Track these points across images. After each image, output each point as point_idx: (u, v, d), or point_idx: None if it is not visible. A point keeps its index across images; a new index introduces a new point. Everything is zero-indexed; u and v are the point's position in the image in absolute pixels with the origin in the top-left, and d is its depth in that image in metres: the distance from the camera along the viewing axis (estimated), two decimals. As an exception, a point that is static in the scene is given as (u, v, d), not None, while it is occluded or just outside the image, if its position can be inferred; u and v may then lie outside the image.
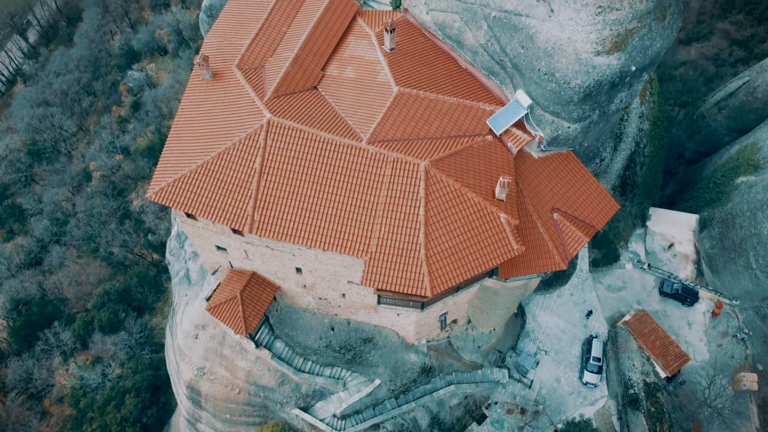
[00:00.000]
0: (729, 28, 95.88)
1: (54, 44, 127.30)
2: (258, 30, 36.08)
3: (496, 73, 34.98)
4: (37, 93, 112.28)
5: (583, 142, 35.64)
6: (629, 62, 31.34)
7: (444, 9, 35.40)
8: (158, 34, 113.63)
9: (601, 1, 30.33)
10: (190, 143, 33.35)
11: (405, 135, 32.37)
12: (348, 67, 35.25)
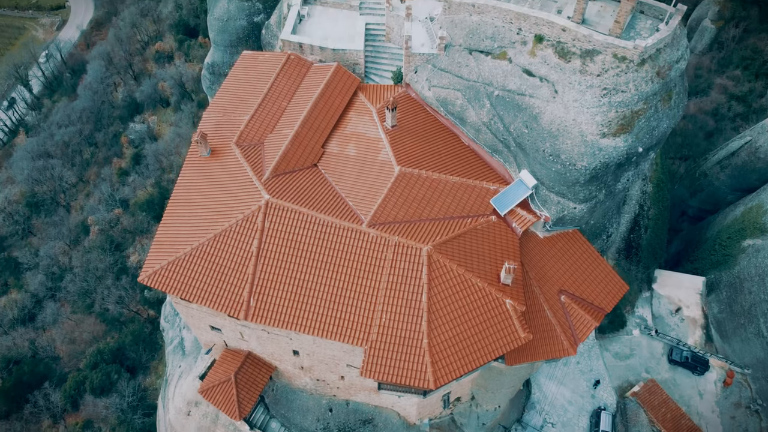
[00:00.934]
0: (727, 84, 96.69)
1: (58, 95, 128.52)
2: (258, 106, 35.69)
3: (499, 152, 34.41)
4: (39, 144, 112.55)
5: (590, 221, 34.80)
6: (636, 144, 30.76)
7: (446, 86, 35.09)
8: (161, 86, 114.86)
9: (605, 83, 29.93)
10: (186, 223, 32.46)
11: (407, 216, 31.51)
12: (349, 144, 34.69)
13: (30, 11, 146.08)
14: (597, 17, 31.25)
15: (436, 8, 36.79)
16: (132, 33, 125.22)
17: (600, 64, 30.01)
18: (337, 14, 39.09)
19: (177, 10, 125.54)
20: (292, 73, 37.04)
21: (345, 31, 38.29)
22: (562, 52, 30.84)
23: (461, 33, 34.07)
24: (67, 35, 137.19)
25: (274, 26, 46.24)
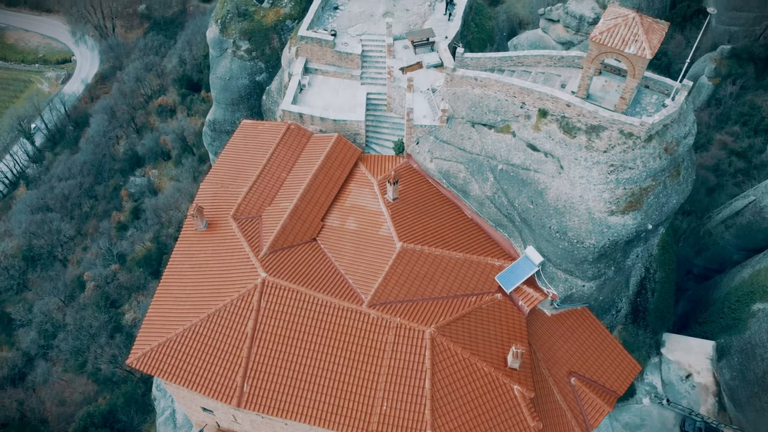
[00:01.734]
0: (726, 139, 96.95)
1: (60, 148, 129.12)
2: (256, 177, 34.98)
3: (503, 226, 33.47)
4: (38, 197, 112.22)
5: (598, 297, 33.55)
6: (645, 221, 29.82)
7: (448, 158, 34.46)
8: (163, 140, 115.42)
9: (612, 159, 29.24)
10: (179, 301, 31.20)
11: (409, 295, 30.27)
12: (349, 217, 33.79)
13: (36, 65, 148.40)
14: (602, 92, 30.83)
15: (438, 80, 36.58)
16: (136, 87, 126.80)
17: (606, 140, 29.39)
18: (338, 84, 38.91)
19: (180, 65, 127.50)
20: (292, 143, 36.52)
21: (346, 101, 37.99)
22: (567, 127, 30.29)
23: (464, 106, 33.65)
24: (72, 88, 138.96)
25: (274, 92, 46.14)
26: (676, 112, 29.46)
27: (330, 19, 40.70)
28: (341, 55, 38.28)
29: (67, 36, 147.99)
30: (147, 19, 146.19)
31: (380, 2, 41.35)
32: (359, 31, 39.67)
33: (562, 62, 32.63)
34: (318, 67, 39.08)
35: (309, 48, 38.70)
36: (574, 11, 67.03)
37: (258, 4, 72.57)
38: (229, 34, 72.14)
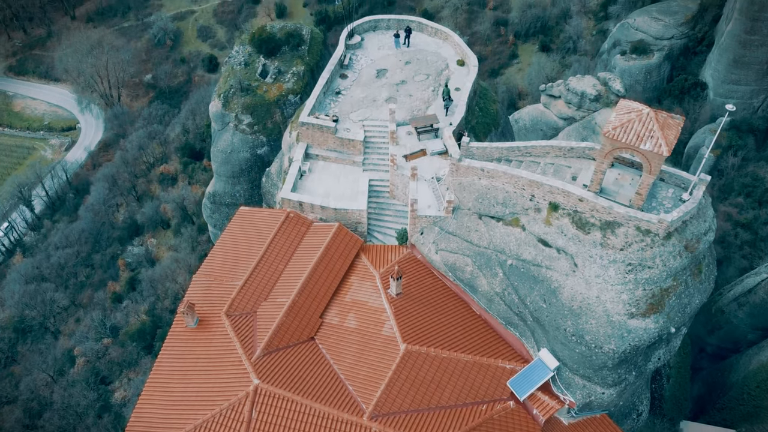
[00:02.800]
0: (731, 211, 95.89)
1: (59, 215, 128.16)
2: (252, 269, 33.18)
3: (514, 324, 31.37)
4: (33, 266, 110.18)
5: (618, 403, 31.02)
6: (667, 324, 27.77)
7: (454, 250, 32.77)
8: (163, 208, 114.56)
9: (630, 257, 27.50)
10: (164, 409, 28.71)
11: (414, 404, 27.82)
12: (350, 314, 31.75)
13: (41, 132, 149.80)
14: (615, 186, 29.49)
15: (442, 168, 35.43)
16: (138, 155, 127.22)
17: (623, 237, 27.76)
18: (339, 170, 37.79)
19: (184, 133, 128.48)
20: (291, 232, 34.96)
21: (347, 188, 36.74)
22: (580, 222, 28.74)
23: (470, 197, 32.28)
24: (75, 156, 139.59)
25: (274, 175, 45.08)
26: (695, 207, 27.98)
27: (332, 104, 40.10)
28: (343, 141, 37.36)
29: (73, 104, 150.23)
30: (152, 88, 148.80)
31: (383, 87, 40.85)
32: (361, 117, 38.93)
33: (572, 153, 31.50)
34: (319, 152, 38.10)
35: (310, 133, 37.85)
36: (575, 88, 67.18)
37: (261, 79, 73.14)
38: (231, 108, 72.34)
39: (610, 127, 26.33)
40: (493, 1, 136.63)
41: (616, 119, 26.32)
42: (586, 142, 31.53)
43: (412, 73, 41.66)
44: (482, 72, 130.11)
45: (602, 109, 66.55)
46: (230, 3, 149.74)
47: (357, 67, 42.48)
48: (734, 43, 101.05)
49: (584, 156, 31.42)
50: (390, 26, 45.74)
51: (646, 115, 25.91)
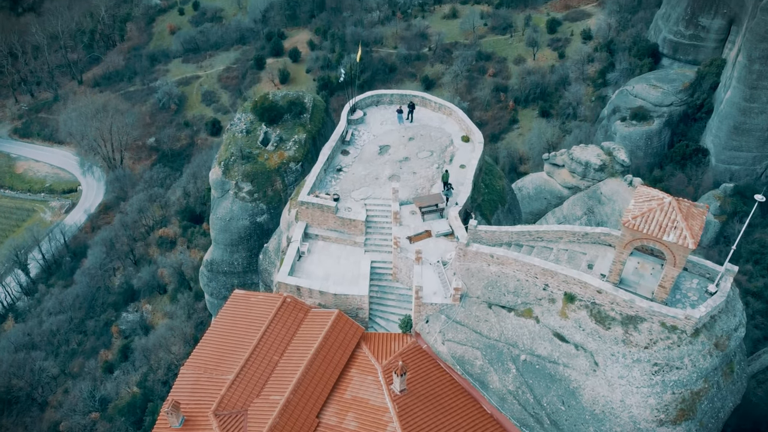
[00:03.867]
0: (740, 279, 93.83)
1: (54, 279, 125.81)
2: (245, 361, 30.78)
3: (530, 427, 28.68)
4: (24, 333, 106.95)
5: None
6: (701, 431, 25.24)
7: (462, 342, 30.48)
8: (160, 273, 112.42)
9: (656, 357, 25.21)
10: None
11: None
12: (349, 413, 29.12)
13: (42, 194, 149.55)
14: (635, 276, 27.55)
15: (448, 250, 33.60)
16: (138, 218, 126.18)
17: (646, 333, 25.59)
18: (340, 251, 35.99)
19: (184, 197, 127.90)
20: (288, 319, 32.77)
21: (348, 270, 34.79)
22: (599, 316, 26.64)
23: (479, 284, 30.31)
24: (75, 218, 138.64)
25: (272, 252, 43.27)
26: (723, 301, 25.94)
27: (333, 182, 38.76)
28: (344, 221, 35.73)
29: (75, 166, 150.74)
30: (155, 151, 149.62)
31: (386, 165, 39.62)
32: (363, 195, 37.46)
33: (587, 239, 29.73)
34: (319, 232, 36.42)
35: (310, 213, 36.30)
36: (580, 157, 66.42)
37: (262, 146, 72.65)
38: (231, 175, 71.55)
39: (630, 216, 24.67)
40: (493, 68, 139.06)
41: (636, 208, 24.69)
42: (602, 228, 29.80)
43: (416, 150, 40.53)
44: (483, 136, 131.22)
45: (607, 178, 65.51)
46: (235, 69, 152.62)
47: (359, 143, 41.44)
48: (734, 110, 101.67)
49: (600, 242, 29.65)
50: (393, 101, 45.07)
51: (668, 204, 24.29)
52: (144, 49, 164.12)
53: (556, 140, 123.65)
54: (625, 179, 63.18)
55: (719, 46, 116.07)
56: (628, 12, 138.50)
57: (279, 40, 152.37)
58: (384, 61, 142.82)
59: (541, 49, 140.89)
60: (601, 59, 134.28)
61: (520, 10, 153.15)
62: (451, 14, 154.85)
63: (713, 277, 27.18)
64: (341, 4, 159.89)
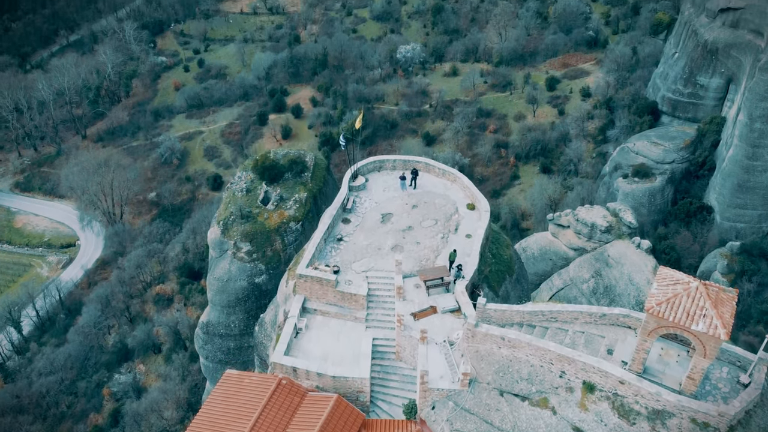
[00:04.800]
0: (752, 340, 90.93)
1: (47, 337, 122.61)
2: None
3: None
4: (12, 395, 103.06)
5: None
6: None
7: (470, 431, 28.12)
8: (156, 332, 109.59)
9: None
10: None
11: None
12: None
13: (40, 249, 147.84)
14: (660, 364, 25.51)
15: (456, 329, 31.58)
16: (136, 273, 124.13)
17: (676, 430, 23.37)
18: (339, 326, 33.96)
19: (183, 252, 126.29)
20: (283, 404, 30.42)
21: (348, 348, 32.67)
22: (622, 409, 24.45)
23: (489, 368, 28.21)
24: (71, 274, 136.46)
25: (268, 325, 41.18)
26: (758, 395, 23.82)
27: (333, 252, 37.11)
28: (344, 295, 33.88)
29: (75, 221, 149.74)
30: (156, 205, 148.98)
31: (388, 234, 38.07)
32: (365, 267, 35.74)
33: (605, 320, 27.84)
34: (318, 306, 34.50)
35: (308, 286, 34.49)
36: (585, 219, 65.03)
37: (262, 205, 71.59)
38: (230, 235, 70.17)
39: (654, 302, 22.88)
40: (494, 125, 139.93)
41: (659, 292, 22.94)
42: (620, 309, 27.93)
43: (420, 218, 39.07)
44: (484, 192, 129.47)
45: (614, 240, 63.92)
46: (237, 124, 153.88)
47: (360, 211, 40.04)
48: (737, 168, 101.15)
49: (619, 324, 27.73)
50: (395, 167, 43.99)
51: (695, 289, 22.55)
52: (148, 104, 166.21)
53: (558, 197, 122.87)
54: (633, 241, 61.58)
55: (718, 104, 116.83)
56: (626, 70, 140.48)
57: (282, 97, 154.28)
58: (385, 117, 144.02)
59: (541, 106, 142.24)
60: (600, 116, 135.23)
61: (520, 69, 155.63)
62: (452, 72, 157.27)
63: (745, 365, 25.14)
64: (344, 62, 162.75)
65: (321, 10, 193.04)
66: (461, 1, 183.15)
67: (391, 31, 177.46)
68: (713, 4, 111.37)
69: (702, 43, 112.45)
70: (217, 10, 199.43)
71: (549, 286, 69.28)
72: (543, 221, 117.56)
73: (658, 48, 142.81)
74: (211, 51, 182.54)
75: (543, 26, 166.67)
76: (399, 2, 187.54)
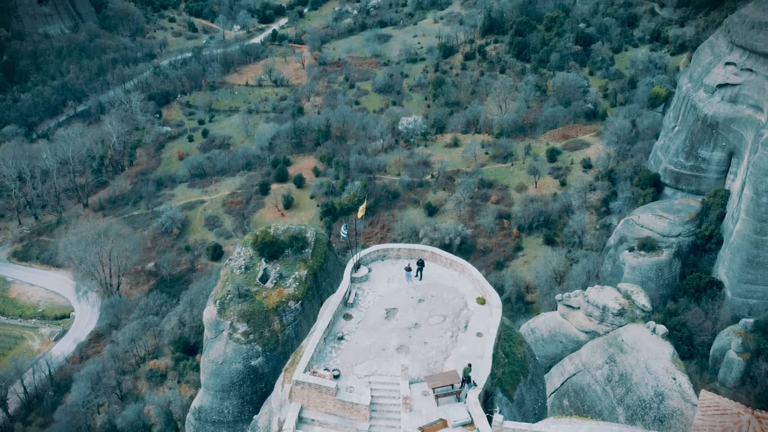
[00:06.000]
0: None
1: (34, 415, 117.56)
2: None
3: None
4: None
5: None
6: None
7: None
8: (147, 410, 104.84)
9: None
10: None
11: None
12: None
13: (33, 320, 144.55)
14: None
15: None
16: (129, 347, 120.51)
17: None
18: (340, 440, 31.16)
19: (179, 326, 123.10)
20: None
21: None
22: None
23: (506, 497, 25.40)
24: (63, 347, 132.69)
25: (261, 430, 38.25)
26: None
27: (333, 352, 34.75)
28: (345, 405, 31.29)
29: (71, 291, 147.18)
30: (154, 275, 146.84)
31: (393, 332, 35.85)
32: (368, 370, 33.31)
33: None
34: (315, 416, 31.81)
35: (305, 393, 31.97)
36: (596, 301, 62.76)
37: (261, 283, 69.75)
38: (227, 315, 67.88)
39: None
40: (496, 195, 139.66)
41: (705, 424, 20.58)
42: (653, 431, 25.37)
43: (427, 314, 36.92)
44: (487, 264, 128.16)
45: (628, 324, 61.31)
46: (239, 194, 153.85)
47: (363, 305, 37.94)
48: (745, 243, 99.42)
49: None
50: (400, 256, 42.24)
51: (747, 422, 20.23)
52: (151, 173, 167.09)
53: (563, 269, 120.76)
54: (648, 326, 59.02)
55: (721, 176, 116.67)
56: (627, 142, 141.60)
57: (284, 167, 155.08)
58: (387, 188, 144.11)
59: (543, 177, 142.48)
60: (603, 188, 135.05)
61: (520, 140, 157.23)
62: (453, 143, 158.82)
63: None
64: (346, 133, 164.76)
65: (324, 82, 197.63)
66: (461, 74, 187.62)
67: (393, 103, 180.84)
68: (711, 79, 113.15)
69: (702, 118, 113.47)
70: (223, 82, 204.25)
71: (560, 371, 66.09)
72: (549, 294, 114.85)
73: (657, 120, 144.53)
74: (215, 121, 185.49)
75: (542, 99, 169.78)
76: (401, 75, 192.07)
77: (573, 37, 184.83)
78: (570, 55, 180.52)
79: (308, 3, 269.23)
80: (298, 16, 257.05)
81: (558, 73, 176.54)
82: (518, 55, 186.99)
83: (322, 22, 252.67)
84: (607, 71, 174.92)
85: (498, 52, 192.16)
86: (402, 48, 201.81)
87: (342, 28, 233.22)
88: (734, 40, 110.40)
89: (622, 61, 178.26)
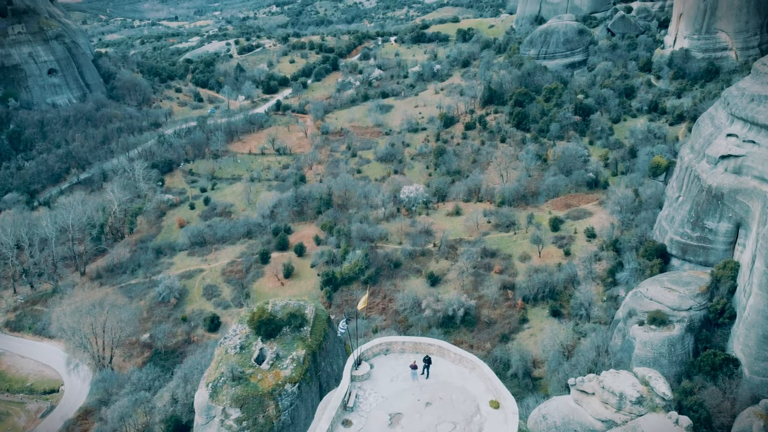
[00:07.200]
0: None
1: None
2: None
3: None
4: None
5: None
6: None
7: None
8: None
9: None
10: None
11: None
12: None
13: (21, 395, 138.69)
14: None
15: None
16: (119, 426, 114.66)
17: None
18: None
19: (172, 403, 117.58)
20: None
21: None
22: None
23: None
24: (50, 425, 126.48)
25: None
26: None
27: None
28: None
29: (61, 364, 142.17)
30: (149, 347, 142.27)
31: None
32: (370, 486, 30.12)
33: None
34: None
35: None
36: (612, 387, 59.21)
37: (256, 365, 66.55)
38: (219, 400, 64.51)
39: None
40: (499, 265, 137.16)
41: None
42: None
43: (435, 420, 33.89)
44: (492, 337, 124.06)
45: (648, 414, 57.52)
46: (239, 262, 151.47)
47: (364, 408, 34.94)
48: (761, 318, 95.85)
49: None
50: (404, 349, 39.55)
51: None
52: (151, 241, 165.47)
53: (570, 343, 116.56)
54: (670, 417, 55.26)
55: (729, 247, 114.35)
56: (630, 212, 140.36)
57: (285, 235, 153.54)
58: (389, 257, 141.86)
59: (546, 247, 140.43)
60: (608, 258, 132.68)
61: (522, 208, 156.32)
62: (455, 212, 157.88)
63: None
64: (348, 202, 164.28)
65: (327, 151, 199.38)
66: (462, 143, 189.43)
67: (394, 171, 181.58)
68: (713, 150, 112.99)
69: (706, 188, 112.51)
70: (227, 150, 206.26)
71: (576, 464, 61.66)
72: (557, 370, 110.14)
73: (660, 190, 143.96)
74: (217, 189, 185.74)
75: (543, 168, 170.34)
76: (402, 144, 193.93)
77: (572, 108, 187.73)
78: (570, 124, 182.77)
79: (312, 74, 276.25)
80: (302, 87, 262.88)
81: (558, 142, 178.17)
82: (518, 125, 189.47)
83: (325, 92, 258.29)
84: (607, 141, 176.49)
85: (498, 121, 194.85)
86: (403, 117, 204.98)
87: (345, 98, 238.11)
88: (734, 112, 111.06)
89: (621, 131, 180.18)
